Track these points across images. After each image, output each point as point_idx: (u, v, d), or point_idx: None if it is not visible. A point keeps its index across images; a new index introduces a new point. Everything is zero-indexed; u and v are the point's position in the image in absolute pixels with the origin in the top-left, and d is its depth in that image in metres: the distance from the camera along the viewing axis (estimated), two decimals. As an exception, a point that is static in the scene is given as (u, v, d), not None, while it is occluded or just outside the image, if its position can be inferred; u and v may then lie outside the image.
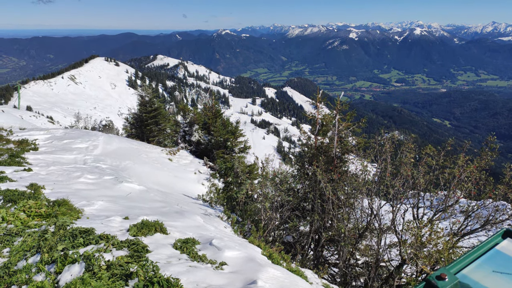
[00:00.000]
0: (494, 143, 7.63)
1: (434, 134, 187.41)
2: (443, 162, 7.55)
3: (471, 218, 7.25)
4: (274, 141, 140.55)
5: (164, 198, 8.82)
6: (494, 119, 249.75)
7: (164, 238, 4.52)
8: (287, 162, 15.68)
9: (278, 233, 9.72)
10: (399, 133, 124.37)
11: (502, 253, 1.67)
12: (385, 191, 7.84)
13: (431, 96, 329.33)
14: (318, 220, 8.52)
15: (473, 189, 7.01)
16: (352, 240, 8.13)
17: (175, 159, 16.41)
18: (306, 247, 9.11)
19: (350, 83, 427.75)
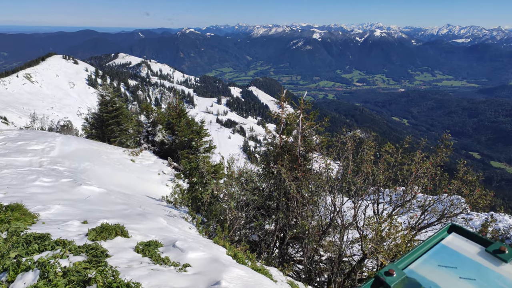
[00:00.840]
0: (448, 140, 8.01)
1: (394, 132, 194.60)
2: (401, 159, 7.84)
3: (428, 212, 7.59)
4: (240, 140, 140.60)
5: (126, 200, 8.59)
6: (449, 117, 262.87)
7: (125, 241, 4.39)
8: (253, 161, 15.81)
9: (243, 233, 9.72)
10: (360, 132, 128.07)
11: (447, 247, 1.73)
12: (347, 188, 8.04)
13: (390, 95, 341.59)
14: (283, 218, 8.61)
15: (429, 184, 7.34)
16: (316, 236, 8.28)
17: (137, 160, 16.02)
18: (272, 245, 9.17)
19: (314, 83, 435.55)
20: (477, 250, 1.68)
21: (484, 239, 1.73)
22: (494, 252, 1.63)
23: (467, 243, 1.74)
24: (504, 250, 1.62)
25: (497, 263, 1.59)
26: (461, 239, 1.77)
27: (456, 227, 1.85)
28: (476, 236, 1.76)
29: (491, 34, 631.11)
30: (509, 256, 1.59)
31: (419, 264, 1.64)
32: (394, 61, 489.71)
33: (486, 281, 1.51)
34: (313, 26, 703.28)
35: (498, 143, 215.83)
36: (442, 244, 1.75)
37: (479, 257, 1.63)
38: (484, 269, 1.57)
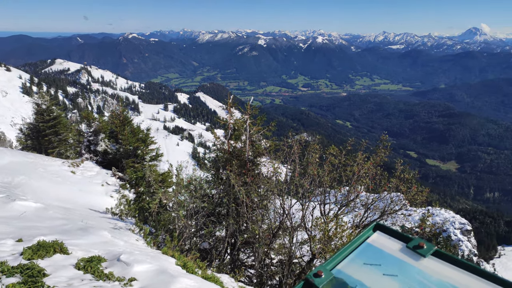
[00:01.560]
0: (386, 141, 8.48)
1: (338, 134, 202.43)
2: (344, 161, 8.16)
3: (371, 210, 7.96)
4: (188, 147, 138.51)
5: (66, 215, 8.09)
6: (387, 119, 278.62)
7: (64, 258, 4.12)
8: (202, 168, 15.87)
9: (194, 241, 9.55)
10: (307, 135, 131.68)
11: (372, 245, 1.79)
12: (295, 190, 8.21)
13: (334, 99, 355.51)
14: (233, 224, 8.59)
15: (370, 183, 7.70)
16: (266, 240, 8.35)
17: (78, 172, 15.19)
18: (223, 252, 9.10)
19: (261, 88, 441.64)
20: (399, 246, 1.75)
21: (405, 236, 1.80)
22: (414, 248, 1.71)
23: (390, 241, 1.80)
24: (423, 246, 1.70)
25: (417, 258, 1.67)
26: (385, 237, 1.83)
27: (380, 225, 1.90)
28: (398, 233, 1.83)
29: (423, 41, 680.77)
30: (427, 251, 1.68)
31: (346, 264, 1.68)
32: (336, 67, 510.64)
33: (407, 276, 1.57)
34: (258, 32, 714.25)
35: (433, 142, 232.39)
36: (368, 243, 1.80)
37: (401, 254, 1.71)
38: (405, 265, 1.64)
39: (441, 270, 1.61)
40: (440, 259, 1.67)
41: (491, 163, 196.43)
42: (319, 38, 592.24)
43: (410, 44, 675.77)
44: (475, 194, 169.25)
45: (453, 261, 1.65)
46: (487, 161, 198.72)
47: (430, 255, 1.69)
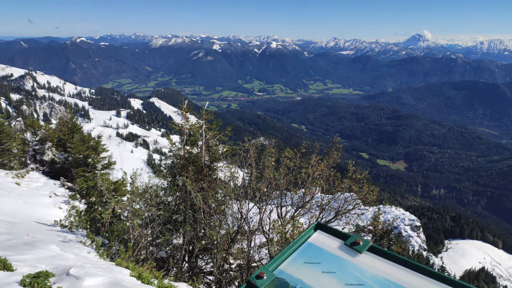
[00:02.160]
0: (338, 143, 8.77)
1: (294, 138, 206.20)
2: (299, 163, 8.33)
3: (326, 210, 8.17)
4: (143, 154, 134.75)
5: (10, 229, 7.58)
6: (340, 122, 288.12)
7: (8, 276, 3.86)
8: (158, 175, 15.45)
9: (150, 250, 9.31)
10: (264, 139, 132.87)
11: (313, 244, 1.84)
12: (252, 194, 8.26)
13: (289, 104, 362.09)
14: (190, 230, 8.47)
15: (324, 185, 7.92)
16: (224, 245, 8.31)
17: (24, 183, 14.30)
18: (180, 260, 8.94)
19: (217, 93, 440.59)
20: (338, 244, 1.82)
21: (344, 234, 1.87)
22: (351, 244, 1.78)
23: (329, 239, 1.86)
24: (359, 242, 1.77)
25: (354, 255, 1.74)
26: (325, 236, 1.89)
27: (321, 225, 1.96)
28: (337, 231, 1.89)
29: (371, 47, 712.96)
30: (363, 247, 1.75)
31: (288, 264, 1.72)
32: (290, 72, 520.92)
33: (344, 272, 1.64)
34: (213, 37, 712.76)
35: (382, 143, 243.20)
36: (309, 242, 1.85)
37: (339, 251, 1.78)
38: (343, 262, 1.71)
39: (376, 264, 1.69)
40: (375, 254, 1.74)
41: (436, 161, 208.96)
42: (273, 43, 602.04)
43: (359, 50, 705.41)
44: (423, 192, 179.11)
45: (386, 256, 1.73)
46: (433, 160, 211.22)
47: (366, 250, 1.75)
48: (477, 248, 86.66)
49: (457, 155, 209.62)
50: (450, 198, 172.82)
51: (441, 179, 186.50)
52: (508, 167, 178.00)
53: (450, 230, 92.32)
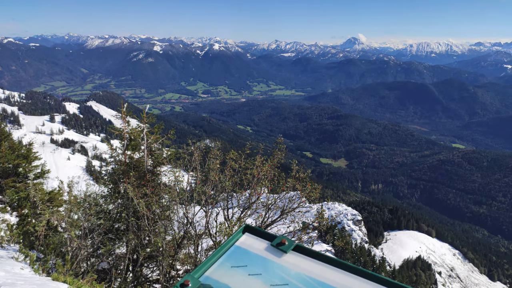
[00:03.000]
0: (282, 143, 8.94)
1: (240, 139, 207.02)
2: (244, 165, 8.37)
3: (271, 210, 8.29)
4: (82, 161, 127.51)
5: None
6: (284, 122, 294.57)
7: None
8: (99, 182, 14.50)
9: (91, 262, 8.83)
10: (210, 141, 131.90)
11: (240, 247, 1.83)
12: (197, 198, 8.15)
13: (233, 105, 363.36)
14: (134, 239, 8.16)
15: (269, 185, 8.03)
16: (171, 252, 8.11)
17: None
18: (124, 269, 8.58)
19: (160, 96, 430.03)
20: (264, 245, 1.82)
21: (270, 235, 1.88)
22: (277, 245, 1.79)
23: (257, 241, 1.86)
24: (285, 242, 1.78)
25: (280, 255, 1.75)
26: (252, 238, 1.89)
27: (249, 227, 1.95)
28: (264, 233, 1.90)
29: (311, 49, 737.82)
30: (289, 247, 1.77)
31: (214, 269, 1.71)
32: (233, 73, 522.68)
33: (270, 273, 1.65)
34: (153, 38, 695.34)
35: (325, 142, 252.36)
36: (236, 245, 1.85)
37: (266, 252, 1.78)
38: (269, 263, 1.72)
39: (300, 263, 1.71)
40: (300, 253, 1.76)
41: (374, 158, 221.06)
42: (216, 45, 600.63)
43: (300, 52, 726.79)
44: (363, 187, 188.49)
45: (310, 254, 1.75)
46: (371, 156, 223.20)
47: (291, 250, 1.77)
48: (413, 238, 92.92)
49: (392, 151, 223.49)
50: (388, 192, 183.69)
51: (378, 175, 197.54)
52: (438, 161, 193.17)
53: (388, 223, 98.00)
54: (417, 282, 67.38)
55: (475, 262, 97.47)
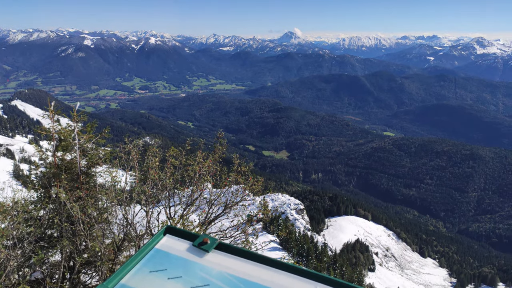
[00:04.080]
0: (223, 138, 8.91)
1: (181, 135, 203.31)
2: (185, 161, 8.22)
3: (215, 205, 8.25)
4: (8, 165, 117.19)
5: None
6: (226, 117, 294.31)
7: None
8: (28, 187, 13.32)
9: (22, 273, 8.18)
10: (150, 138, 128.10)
11: (160, 251, 1.76)
12: (137, 198, 7.87)
13: (173, 101, 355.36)
14: (69, 245, 7.68)
15: (211, 180, 7.98)
16: (110, 255, 7.77)
17: None
18: (60, 278, 8.06)
19: (93, 92, 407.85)
20: (186, 246, 1.78)
21: (192, 235, 1.84)
22: (199, 245, 1.76)
23: (178, 242, 1.81)
24: (207, 241, 1.76)
25: (202, 255, 1.72)
26: (173, 239, 1.83)
27: (171, 228, 1.89)
28: (186, 233, 1.86)
29: (249, 43, 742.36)
30: (211, 246, 1.74)
31: (131, 276, 1.62)
32: (172, 68, 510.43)
33: (191, 275, 1.61)
34: (83, 32, 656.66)
35: (266, 135, 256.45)
36: (156, 249, 1.78)
37: (187, 253, 1.74)
38: (190, 264, 1.68)
39: (223, 262, 1.68)
40: (223, 251, 1.74)
41: (313, 148, 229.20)
42: (152, 39, 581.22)
43: (238, 46, 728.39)
44: (304, 177, 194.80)
45: (233, 252, 1.72)
46: (310, 147, 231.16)
47: (213, 249, 1.74)
48: (352, 223, 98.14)
49: (330, 141, 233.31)
50: (327, 180, 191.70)
51: (318, 164, 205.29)
52: (371, 149, 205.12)
53: (329, 209, 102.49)
54: (356, 264, 71.39)
55: (408, 241, 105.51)
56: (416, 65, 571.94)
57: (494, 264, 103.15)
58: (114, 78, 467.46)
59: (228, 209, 8.02)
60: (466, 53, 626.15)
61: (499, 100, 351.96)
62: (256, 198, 9.11)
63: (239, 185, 8.51)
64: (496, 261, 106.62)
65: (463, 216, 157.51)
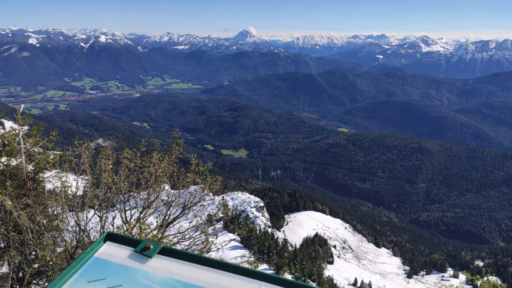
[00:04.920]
0: (179, 138, 8.78)
1: (137, 136, 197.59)
2: (141, 163, 8.02)
3: (173, 207, 8.12)
4: None
5: None
6: (183, 117, 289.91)
7: None
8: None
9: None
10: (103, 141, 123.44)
11: (100, 259, 1.70)
12: (89, 203, 7.58)
13: (127, 101, 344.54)
14: (17, 255, 7.26)
15: (168, 182, 7.85)
16: (63, 264, 7.42)
17: None
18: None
19: (40, 94, 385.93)
20: (128, 253, 1.72)
21: (134, 240, 1.78)
22: (142, 250, 1.70)
23: (119, 249, 1.75)
24: (149, 246, 1.71)
25: (144, 261, 1.67)
26: (114, 246, 1.77)
27: (111, 235, 1.83)
28: (128, 239, 1.80)
29: (204, 42, 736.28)
30: (154, 251, 1.69)
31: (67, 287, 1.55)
32: (125, 67, 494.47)
33: (132, 282, 1.56)
34: (27, 30, 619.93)
35: (225, 134, 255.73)
36: (95, 257, 1.71)
37: (129, 260, 1.68)
38: (131, 271, 1.62)
39: (166, 267, 1.64)
40: (167, 256, 1.69)
41: (271, 146, 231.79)
42: (102, 37, 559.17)
43: (193, 45, 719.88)
44: (263, 175, 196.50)
45: (178, 255, 1.68)
46: (268, 145, 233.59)
47: (156, 254, 1.69)
48: (311, 218, 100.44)
49: (288, 138, 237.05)
50: (286, 177, 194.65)
51: (277, 161, 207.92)
52: (327, 145, 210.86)
53: (288, 206, 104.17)
54: (316, 258, 73.20)
55: (363, 233, 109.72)
56: (367, 63, 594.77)
57: (443, 250, 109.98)
58: (62, 78, 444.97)
59: (186, 210, 7.93)
60: (412, 51, 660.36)
61: (443, 95, 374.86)
62: (215, 197, 9.08)
63: (197, 186, 8.44)
64: (445, 247, 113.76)
65: (414, 206, 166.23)
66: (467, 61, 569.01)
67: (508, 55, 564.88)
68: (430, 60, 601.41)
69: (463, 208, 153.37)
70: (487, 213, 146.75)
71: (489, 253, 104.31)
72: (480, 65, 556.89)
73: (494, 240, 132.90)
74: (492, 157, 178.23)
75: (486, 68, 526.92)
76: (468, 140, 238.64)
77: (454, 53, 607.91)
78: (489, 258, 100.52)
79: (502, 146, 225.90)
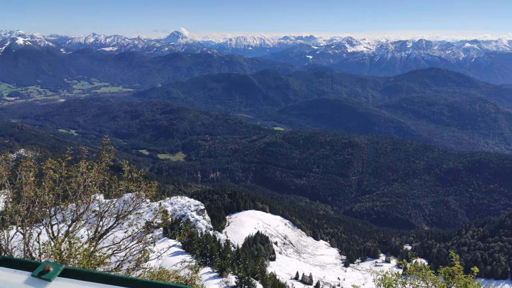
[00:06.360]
0: (109, 144, 8.35)
1: (64, 145, 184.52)
2: (67, 173, 7.50)
3: (105, 217, 7.71)
4: None
5: None
6: (114, 121, 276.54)
7: None
8: None
9: None
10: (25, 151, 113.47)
11: None
12: (10, 220, 6.93)
13: (51, 107, 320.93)
14: None
15: (99, 191, 7.43)
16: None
17: None
18: None
19: None
20: (24, 278, 1.56)
21: (31, 263, 1.64)
22: (40, 274, 1.56)
23: (15, 274, 1.60)
24: (49, 269, 1.58)
25: (43, 286, 1.53)
26: (9, 272, 1.62)
27: (6, 259, 1.69)
28: (24, 262, 1.66)
29: (134, 43, 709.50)
30: (54, 274, 1.56)
31: None
32: (46, 71, 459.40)
33: None
34: None
35: (160, 138, 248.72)
36: None
37: (25, 286, 1.52)
38: None
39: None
40: (69, 277, 1.57)
41: (209, 148, 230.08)
42: (20, 39, 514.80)
43: (122, 46, 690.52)
44: (202, 177, 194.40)
45: (81, 276, 1.56)
46: (206, 147, 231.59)
47: (57, 276, 1.56)
48: (252, 217, 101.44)
49: (225, 139, 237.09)
50: (225, 178, 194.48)
51: (215, 163, 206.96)
52: (264, 144, 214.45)
53: (229, 207, 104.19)
54: (258, 256, 74.13)
55: (302, 227, 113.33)
56: (298, 63, 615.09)
57: (376, 238, 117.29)
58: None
59: (121, 219, 7.58)
60: (339, 52, 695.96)
61: (368, 92, 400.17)
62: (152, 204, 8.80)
63: (131, 193, 8.10)
64: (376, 235, 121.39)
65: (347, 198, 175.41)
66: (388, 60, 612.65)
67: (424, 54, 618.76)
68: (355, 59, 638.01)
69: (391, 197, 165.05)
70: (412, 200, 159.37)
71: (415, 237, 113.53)
72: (399, 64, 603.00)
73: (420, 225, 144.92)
74: (414, 148, 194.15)
75: (405, 66, 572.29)
76: (392, 133, 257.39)
77: (376, 53, 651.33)
78: (416, 241, 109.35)
79: (422, 138, 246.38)
